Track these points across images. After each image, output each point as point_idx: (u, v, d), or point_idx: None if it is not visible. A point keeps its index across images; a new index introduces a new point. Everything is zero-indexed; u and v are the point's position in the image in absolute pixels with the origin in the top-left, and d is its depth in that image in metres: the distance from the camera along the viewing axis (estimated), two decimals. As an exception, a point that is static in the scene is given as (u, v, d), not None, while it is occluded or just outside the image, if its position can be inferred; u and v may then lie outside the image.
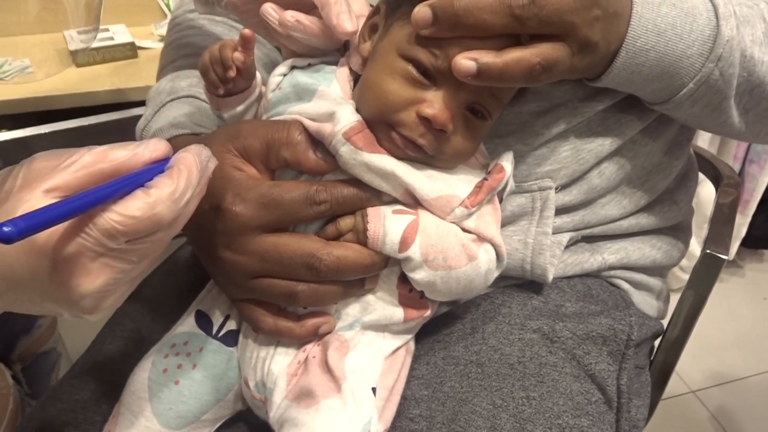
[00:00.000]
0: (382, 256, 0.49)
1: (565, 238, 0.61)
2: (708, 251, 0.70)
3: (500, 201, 0.53)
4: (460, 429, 0.51)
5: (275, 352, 0.52)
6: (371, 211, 0.49)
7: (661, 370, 0.76)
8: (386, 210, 0.49)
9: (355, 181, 0.49)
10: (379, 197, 0.49)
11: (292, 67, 0.54)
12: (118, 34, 1.11)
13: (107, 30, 1.12)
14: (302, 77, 0.53)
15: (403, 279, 0.51)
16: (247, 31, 0.50)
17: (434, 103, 0.46)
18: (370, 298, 0.52)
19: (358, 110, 0.49)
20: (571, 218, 0.61)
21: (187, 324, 0.55)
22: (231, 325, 0.55)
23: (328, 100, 0.51)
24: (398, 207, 0.50)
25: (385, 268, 0.51)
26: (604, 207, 0.62)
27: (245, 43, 0.50)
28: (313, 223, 0.50)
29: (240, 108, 0.54)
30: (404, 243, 0.48)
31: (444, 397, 0.54)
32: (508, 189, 0.52)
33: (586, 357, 0.58)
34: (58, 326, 1.16)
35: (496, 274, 0.52)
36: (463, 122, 0.48)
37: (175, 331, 0.55)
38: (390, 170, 0.47)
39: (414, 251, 0.48)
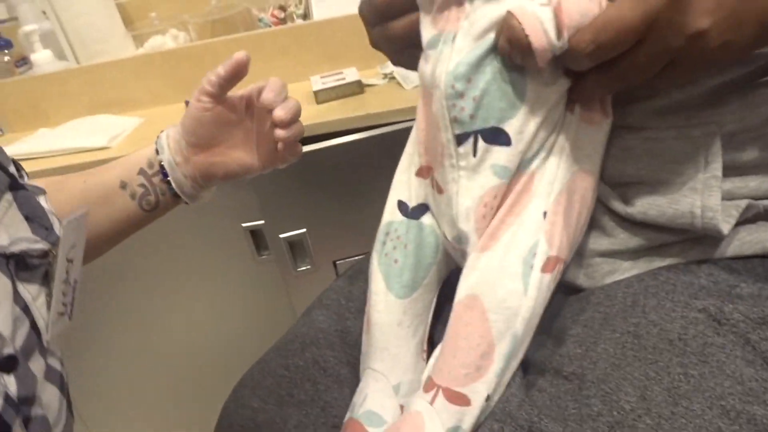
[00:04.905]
0: None
1: (743, 203, 0.55)
2: None
3: None
4: (609, 391, 0.51)
5: (459, 200, 0.56)
6: None
7: None
8: None
9: None
10: None
11: None
12: (349, 75, 1.30)
13: (341, 72, 1.32)
14: None
15: None
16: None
17: None
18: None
19: None
20: (744, 183, 0.56)
21: (389, 213, 0.65)
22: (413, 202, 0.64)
23: None
24: None
25: None
26: None
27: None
28: None
29: None
30: None
31: (596, 357, 0.54)
32: None
33: (764, 343, 0.52)
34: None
35: None
36: None
37: (382, 223, 0.65)
38: None
39: None
